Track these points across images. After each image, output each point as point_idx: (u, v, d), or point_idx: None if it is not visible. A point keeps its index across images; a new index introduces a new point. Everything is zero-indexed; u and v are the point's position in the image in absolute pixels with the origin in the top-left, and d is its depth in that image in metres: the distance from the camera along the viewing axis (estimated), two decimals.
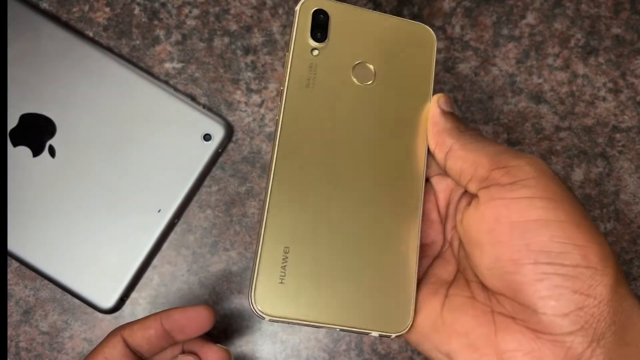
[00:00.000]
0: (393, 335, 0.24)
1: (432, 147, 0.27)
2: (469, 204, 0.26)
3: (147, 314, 0.39)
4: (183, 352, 0.34)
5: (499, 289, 0.24)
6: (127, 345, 0.32)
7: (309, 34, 0.28)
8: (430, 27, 0.31)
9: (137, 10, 0.41)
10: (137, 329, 0.32)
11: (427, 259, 0.28)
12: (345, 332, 0.29)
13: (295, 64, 0.28)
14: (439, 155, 0.27)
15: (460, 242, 0.28)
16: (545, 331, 0.22)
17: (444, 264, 0.28)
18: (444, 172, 0.27)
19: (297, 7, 0.29)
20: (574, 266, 0.21)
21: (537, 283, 0.22)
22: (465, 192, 0.28)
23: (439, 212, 0.29)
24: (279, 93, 0.30)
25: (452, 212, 0.28)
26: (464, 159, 0.25)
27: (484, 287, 0.25)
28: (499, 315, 0.24)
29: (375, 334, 0.24)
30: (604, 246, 0.22)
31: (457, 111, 0.28)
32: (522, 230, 0.22)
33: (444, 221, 0.29)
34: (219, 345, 0.34)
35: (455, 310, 0.26)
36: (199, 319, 0.32)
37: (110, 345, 0.31)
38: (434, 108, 0.28)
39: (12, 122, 0.40)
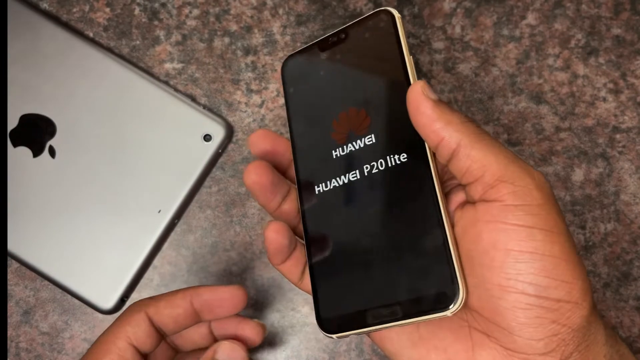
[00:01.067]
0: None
1: (431, 144, 0.25)
2: (463, 204, 0.26)
3: None
4: (211, 333, 0.33)
5: (477, 307, 0.24)
6: (151, 323, 0.30)
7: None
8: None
9: (137, 11, 0.41)
10: (164, 307, 0.30)
11: None
12: None
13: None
14: (444, 151, 0.25)
15: None
16: (519, 350, 0.23)
17: None
18: (442, 163, 0.26)
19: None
20: (557, 300, 0.22)
21: (518, 311, 0.23)
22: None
23: None
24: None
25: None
26: (472, 159, 0.24)
27: None
28: (475, 330, 0.25)
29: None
30: (585, 281, 0.23)
31: (437, 95, 0.26)
32: (516, 260, 0.23)
33: None
34: (255, 320, 0.32)
35: (432, 323, 0.26)
36: (232, 300, 0.30)
37: (134, 323, 0.29)
38: (422, 100, 0.25)
39: (12, 122, 0.40)
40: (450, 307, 0.23)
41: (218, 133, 0.39)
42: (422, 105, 0.25)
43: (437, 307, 0.24)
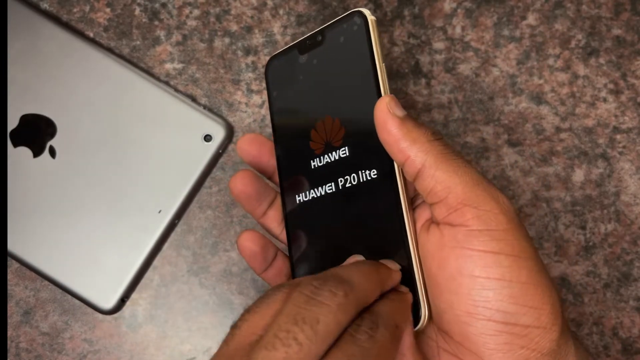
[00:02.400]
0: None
1: (398, 163, 0.25)
2: (429, 223, 0.25)
3: (148, 315, 0.39)
4: None
5: (447, 331, 0.24)
6: None
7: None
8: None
9: (137, 11, 0.41)
10: None
11: None
12: None
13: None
14: (410, 171, 0.24)
15: None
16: None
17: None
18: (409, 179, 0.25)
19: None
20: (526, 326, 0.22)
21: (487, 337, 0.22)
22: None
23: None
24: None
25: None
26: (437, 180, 0.23)
27: (430, 321, 0.25)
28: (444, 352, 0.25)
29: None
30: (554, 305, 0.23)
31: (404, 111, 0.25)
32: (482, 287, 0.22)
33: None
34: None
35: None
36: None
37: None
38: (387, 118, 0.24)
39: (12, 122, 0.40)
40: (414, 327, 0.24)
41: (218, 133, 0.39)
42: (387, 123, 0.24)
43: None
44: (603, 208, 0.39)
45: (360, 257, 0.25)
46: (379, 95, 0.25)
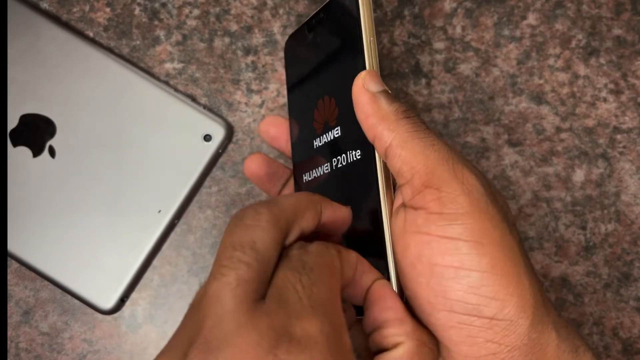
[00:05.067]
0: None
1: (370, 139, 0.24)
2: (398, 207, 0.24)
3: (147, 315, 0.39)
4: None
5: (419, 319, 0.23)
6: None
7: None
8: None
9: (137, 11, 0.41)
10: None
11: None
12: None
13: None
14: (379, 149, 0.23)
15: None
16: None
17: None
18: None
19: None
20: (490, 319, 0.20)
21: (450, 329, 0.21)
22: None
23: None
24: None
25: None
26: (402, 159, 0.22)
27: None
28: None
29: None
30: (523, 296, 0.21)
31: (383, 85, 0.24)
32: (441, 276, 0.21)
33: None
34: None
35: None
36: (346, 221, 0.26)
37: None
38: (360, 93, 0.23)
39: (12, 122, 0.39)
40: None
41: (218, 133, 0.39)
42: (359, 98, 0.23)
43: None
44: (603, 208, 0.39)
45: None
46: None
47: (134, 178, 0.39)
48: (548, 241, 0.39)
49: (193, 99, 0.41)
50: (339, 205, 0.24)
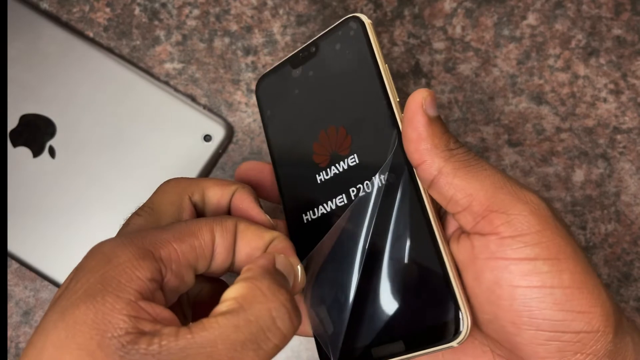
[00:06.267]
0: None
1: (413, 163, 0.23)
2: (458, 233, 0.24)
3: None
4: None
5: (496, 339, 0.23)
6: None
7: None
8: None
9: (137, 11, 0.41)
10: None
11: None
12: None
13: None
14: (424, 175, 0.23)
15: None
16: None
17: None
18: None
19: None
20: (577, 332, 0.21)
21: (538, 347, 0.21)
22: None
23: None
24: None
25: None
26: (456, 187, 0.22)
27: (477, 328, 0.24)
28: (498, 357, 0.24)
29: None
30: (605, 305, 0.21)
31: (437, 111, 0.24)
32: (524, 297, 0.21)
33: None
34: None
35: (456, 351, 0.25)
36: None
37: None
38: (417, 112, 0.23)
39: (12, 122, 0.39)
40: (456, 339, 0.22)
41: (218, 133, 0.39)
42: (415, 118, 0.23)
43: (442, 339, 0.22)
44: (603, 208, 0.39)
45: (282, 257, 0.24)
46: (386, 97, 0.25)
47: (134, 178, 0.39)
48: None
49: (193, 99, 0.41)
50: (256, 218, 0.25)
